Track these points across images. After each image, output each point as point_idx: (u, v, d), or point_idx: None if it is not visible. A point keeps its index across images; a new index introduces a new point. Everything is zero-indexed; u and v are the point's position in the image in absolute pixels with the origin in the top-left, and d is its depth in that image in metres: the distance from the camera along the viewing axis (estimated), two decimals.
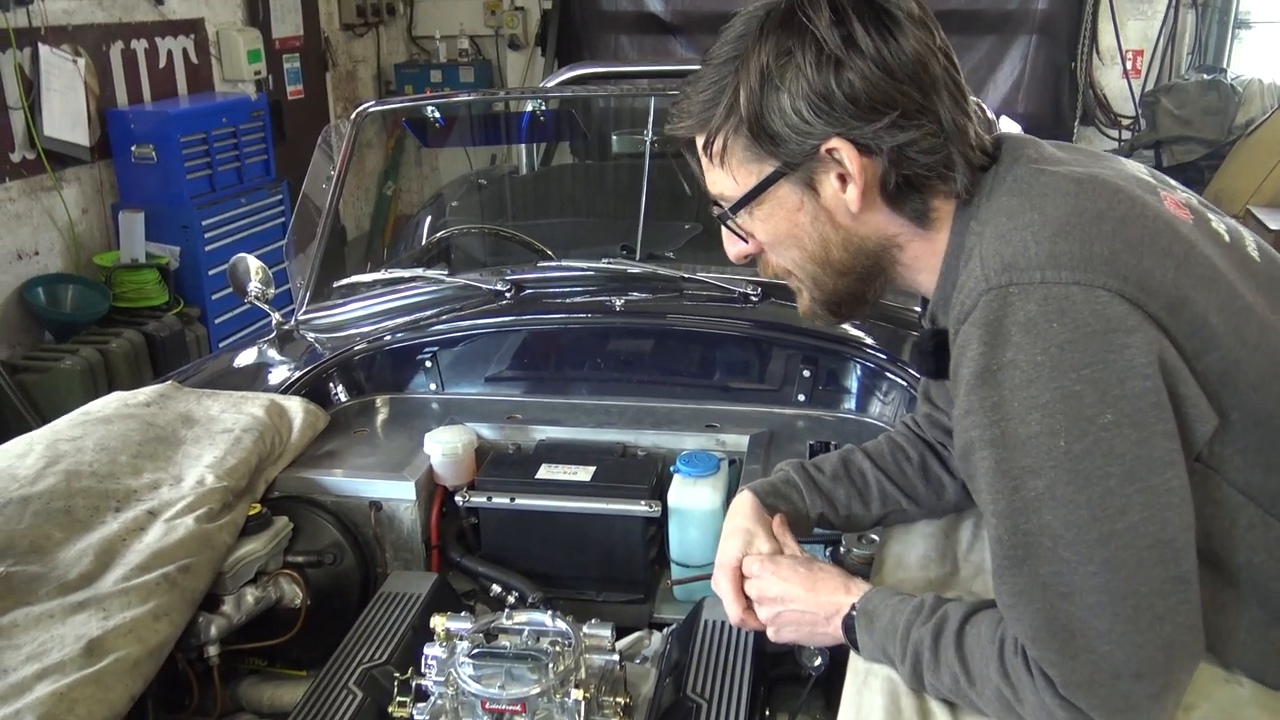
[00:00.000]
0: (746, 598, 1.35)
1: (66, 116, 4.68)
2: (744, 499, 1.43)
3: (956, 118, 1.09)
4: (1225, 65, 6.55)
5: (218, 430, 1.83)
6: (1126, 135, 6.68)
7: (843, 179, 1.10)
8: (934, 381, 1.42)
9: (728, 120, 1.12)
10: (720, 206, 1.20)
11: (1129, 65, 6.65)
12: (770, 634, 1.34)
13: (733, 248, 1.24)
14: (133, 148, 4.92)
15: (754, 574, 1.33)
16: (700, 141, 1.16)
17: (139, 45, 5.20)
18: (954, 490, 1.44)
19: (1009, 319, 0.98)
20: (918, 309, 2.15)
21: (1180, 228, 1.05)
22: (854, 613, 1.23)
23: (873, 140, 1.07)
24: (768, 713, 1.56)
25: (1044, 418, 0.96)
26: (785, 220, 1.15)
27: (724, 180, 1.17)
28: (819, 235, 1.15)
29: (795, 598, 1.29)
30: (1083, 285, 0.97)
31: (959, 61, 1.12)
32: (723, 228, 1.23)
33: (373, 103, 2.75)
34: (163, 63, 5.38)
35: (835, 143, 1.08)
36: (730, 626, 1.58)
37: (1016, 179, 1.09)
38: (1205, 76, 6.24)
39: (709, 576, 1.69)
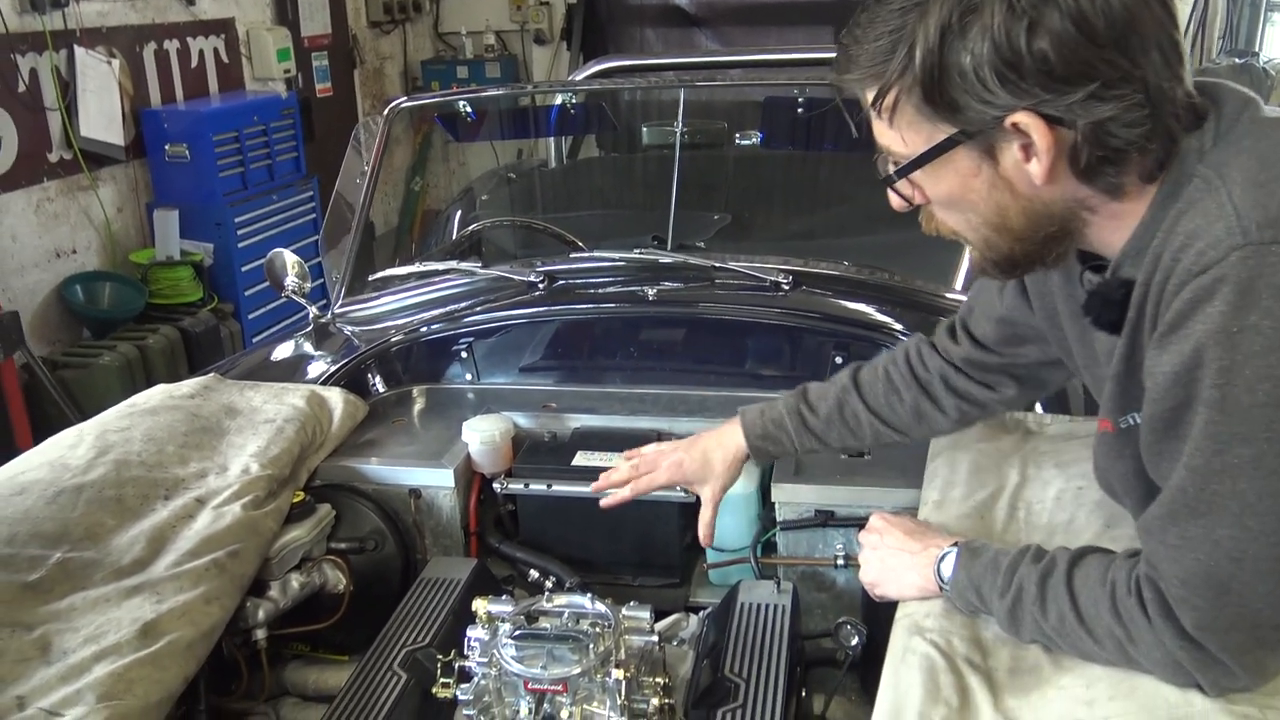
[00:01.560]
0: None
1: (102, 117, 4.75)
2: (733, 437, 1.60)
3: (1166, 82, 0.97)
4: (1257, 49, 6.47)
5: (260, 420, 1.87)
6: None
7: (1026, 149, 1.00)
8: (1001, 327, 1.41)
9: (902, 77, 1.01)
10: (887, 162, 1.11)
11: None
12: (861, 574, 1.41)
13: (896, 200, 1.15)
14: (166, 147, 4.99)
15: (873, 526, 1.41)
16: (870, 95, 1.06)
17: (171, 45, 5.27)
18: (947, 424, 1.54)
19: (1264, 280, 0.91)
20: (950, 295, 2.17)
21: None
22: (955, 547, 1.26)
23: (1065, 114, 0.96)
24: (804, 694, 1.58)
25: (1274, 389, 0.92)
26: (959, 185, 1.06)
27: (892, 137, 1.07)
28: (995, 203, 1.06)
29: (895, 536, 1.36)
30: None
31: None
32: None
33: (404, 99, 2.78)
34: (194, 62, 5.45)
35: (1021, 117, 0.97)
36: (767, 609, 1.61)
37: (1256, 123, 1.00)
38: (1236, 60, 6.17)
39: (745, 560, 1.73)
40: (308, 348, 2.35)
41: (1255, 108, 1.02)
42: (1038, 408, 1.76)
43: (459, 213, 3.48)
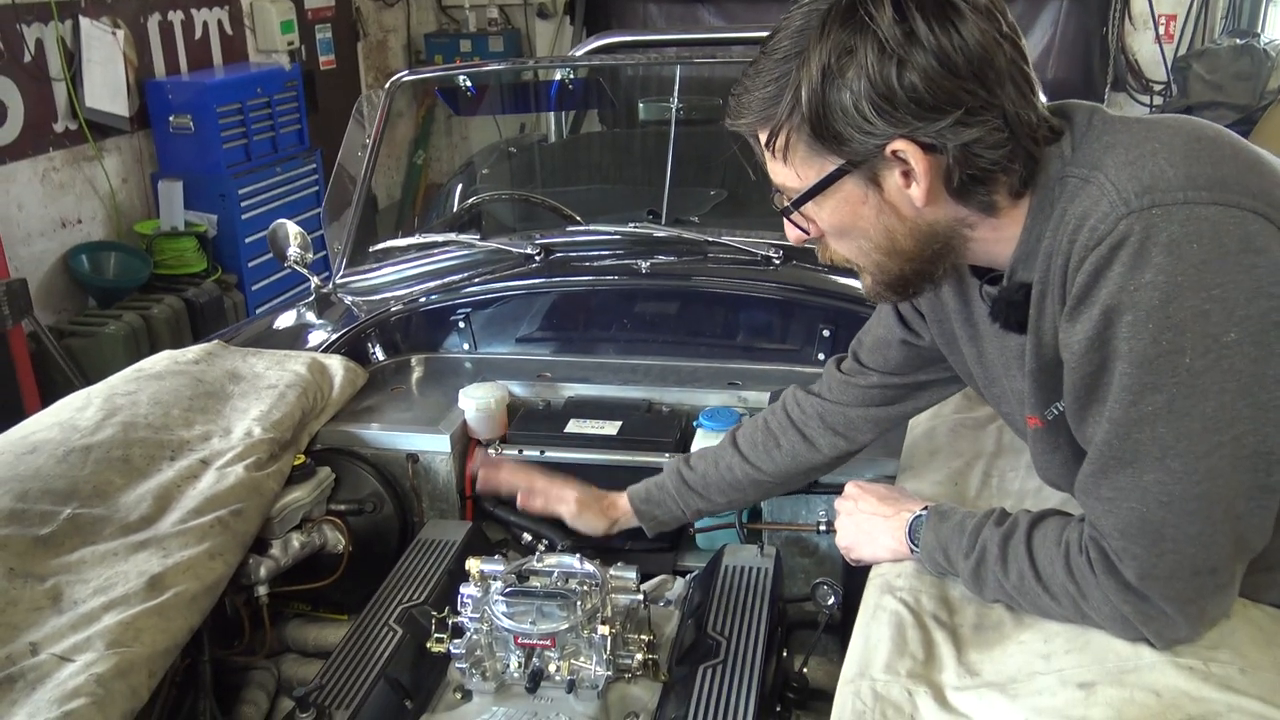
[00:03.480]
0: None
1: (106, 87, 4.78)
2: (618, 501, 1.76)
3: (1021, 110, 1.08)
4: (1259, 29, 6.47)
5: (263, 386, 1.92)
6: (1158, 101, 6.62)
7: (906, 175, 1.10)
8: (882, 346, 1.54)
9: (790, 117, 1.10)
10: (783, 198, 1.20)
11: (1161, 30, 6.58)
12: (837, 538, 1.48)
13: (791, 232, 1.24)
14: (170, 118, 5.02)
15: (848, 494, 1.48)
16: (763, 137, 1.16)
17: (175, 17, 5.29)
18: (826, 463, 1.64)
19: (1151, 240, 0.99)
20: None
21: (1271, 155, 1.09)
22: (925, 511, 1.33)
23: (936, 139, 1.06)
24: (785, 654, 1.64)
25: (1174, 336, 0.99)
26: (849, 213, 1.15)
27: (786, 174, 1.16)
28: (884, 227, 1.15)
29: (869, 502, 1.42)
30: (1220, 205, 0.99)
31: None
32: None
33: (407, 72, 2.82)
34: (198, 34, 5.47)
35: (899, 144, 1.07)
36: (750, 572, 1.66)
37: (1107, 123, 1.10)
38: (1238, 41, 6.17)
39: (731, 525, 1.79)
40: (309, 317, 2.40)
41: (1100, 114, 1.13)
42: None
43: (459, 186, 3.52)
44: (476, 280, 2.33)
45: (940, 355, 1.44)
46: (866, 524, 1.40)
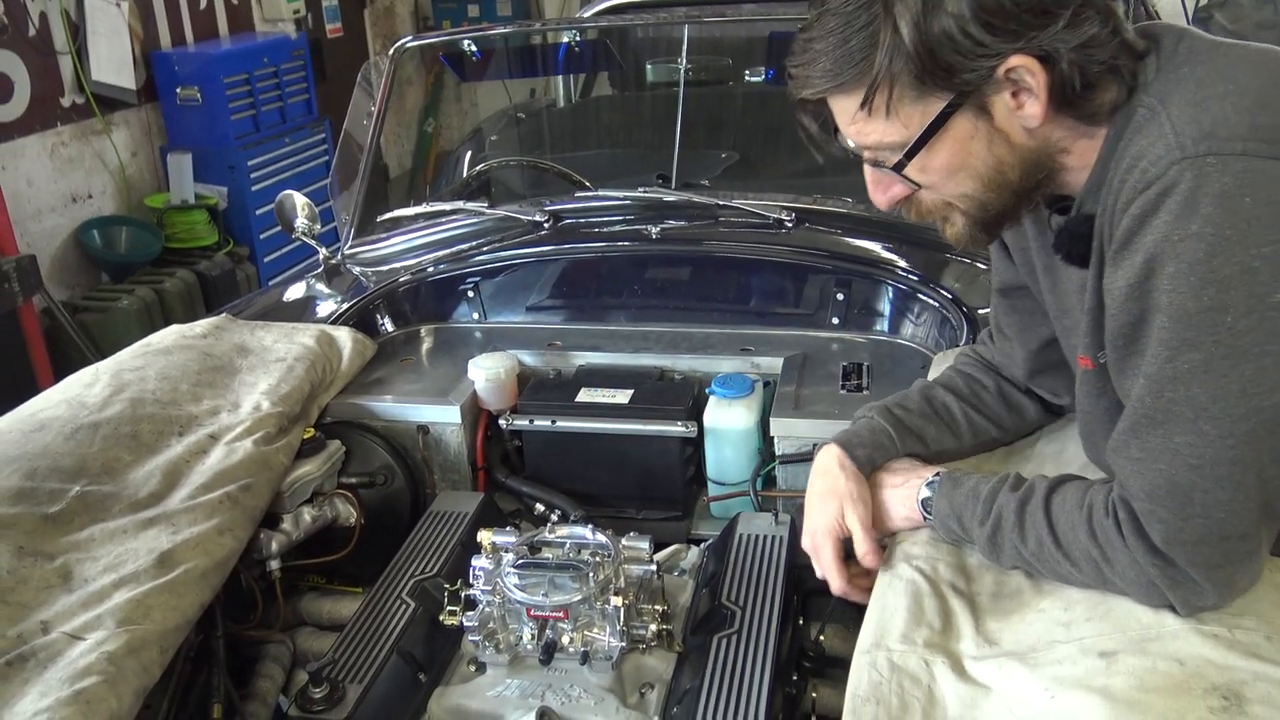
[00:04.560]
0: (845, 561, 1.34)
1: (112, 60, 4.76)
2: (833, 456, 1.37)
3: (1111, 3, 1.04)
4: None
5: (271, 359, 1.91)
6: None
7: (1016, 95, 1.05)
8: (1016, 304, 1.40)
9: (892, 64, 1.03)
10: (876, 157, 1.12)
11: None
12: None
13: (884, 194, 1.17)
14: (178, 90, 5.00)
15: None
16: (854, 98, 1.08)
17: None
18: (1035, 412, 1.46)
19: (1203, 190, 0.95)
20: None
21: None
22: (937, 478, 1.28)
23: (1051, 46, 1.01)
24: (801, 622, 1.62)
25: (1218, 293, 0.96)
26: (959, 152, 1.09)
27: (887, 129, 1.09)
28: (995, 159, 1.09)
29: (881, 477, 1.36)
30: None
31: None
32: (870, 173, 1.16)
33: (410, 38, 2.78)
34: (204, 4, 5.43)
35: (1016, 60, 1.01)
36: (765, 540, 1.65)
37: (1193, 50, 1.05)
38: None
39: (745, 494, 1.77)
40: (318, 288, 2.38)
41: (1190, 37, 1.07)
42: None
43: (469, 153, 3.49)
44: (485, 249, 2.31)
45: None
46: (877, 495, 1.37)
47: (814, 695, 1.49)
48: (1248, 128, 0.96)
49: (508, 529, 1.59)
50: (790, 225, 2.20)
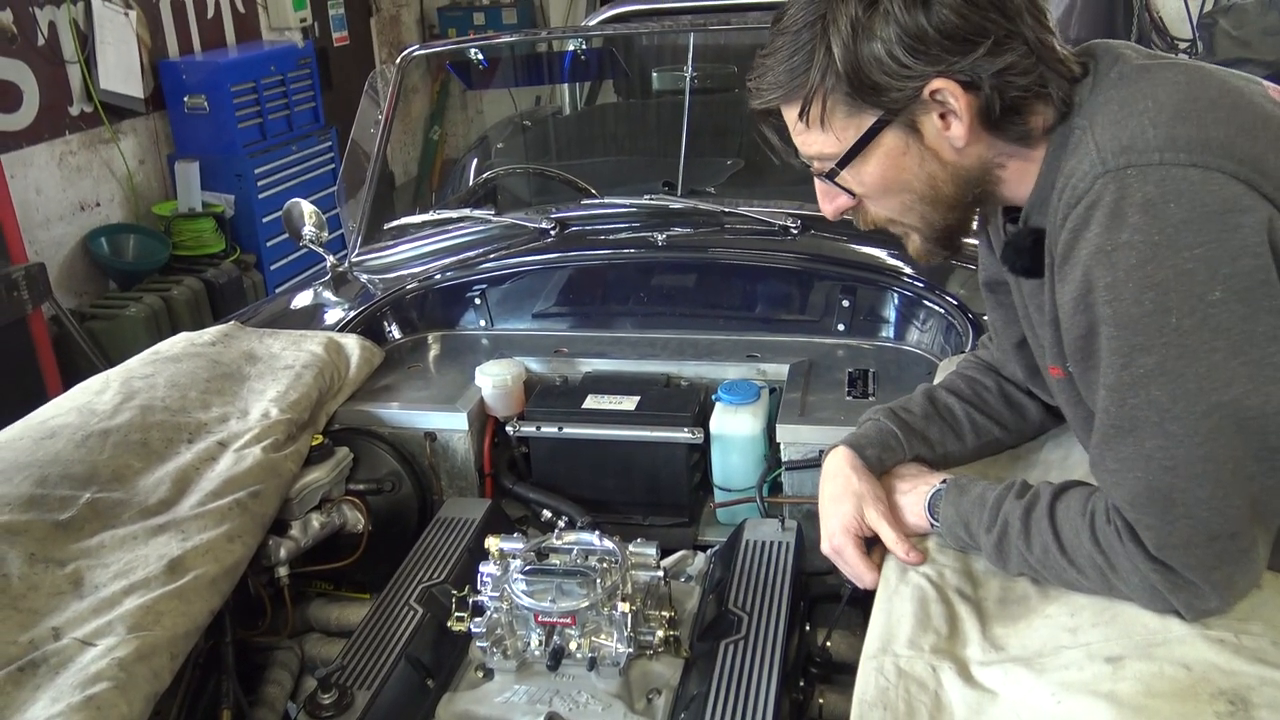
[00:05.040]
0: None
1: (120, 69, 4.78)
2: (843, 457, 1.39)
3: (1041, 36, 1.10)
4: None
5: (280, 367, 1.92)
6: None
7: (944, 116, 1.12)
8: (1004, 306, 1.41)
9: (824, 81, 1.12)
10: (818, 167, 1.20)
11: None
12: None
13: (830, 204, 1.25)
14: (185, 98, 5.02)
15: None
16: (795, 109, 1.17)
17: None
18: (1037, 411, 1.47)
19: (1126, 200, 1.00)
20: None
21: None
22: (944, 485, 1.30)
23: (972, 72, 1.08)
24: (808, 627, 1.63)
25: (1157, 296, 0.99)
26: (892, 166, 1.16)
27: (824, 141, 1.17)
28: (926, 175, 1.16)
29: (888, 483, 1.38)
30: (1200, 167, 0.99)
31: None
32: (818, 185, 1.24)
33: (417, 46, 2.79)
34: (211, 13, 5.46)
35: (937, 83, 1.09)
36: (772, 546, 1.65)
37: (1122, 74, 1.10)
38: None
39: (751, 500, 1.77)
40: (326, 296, 2.39)
41: (1122, 60, 1.12)
42: None
43: (475, 161, 3.50)
44: (492, 256, 2.32)
45: None
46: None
47: (821, 701, 1.49)
48: (1165, 139, 1.00)
49: (515, 535, 1.60)
50: (796, 232, 2.21)
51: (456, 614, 1.54)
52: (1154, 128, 1.02)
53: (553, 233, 2.33)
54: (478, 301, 2.29)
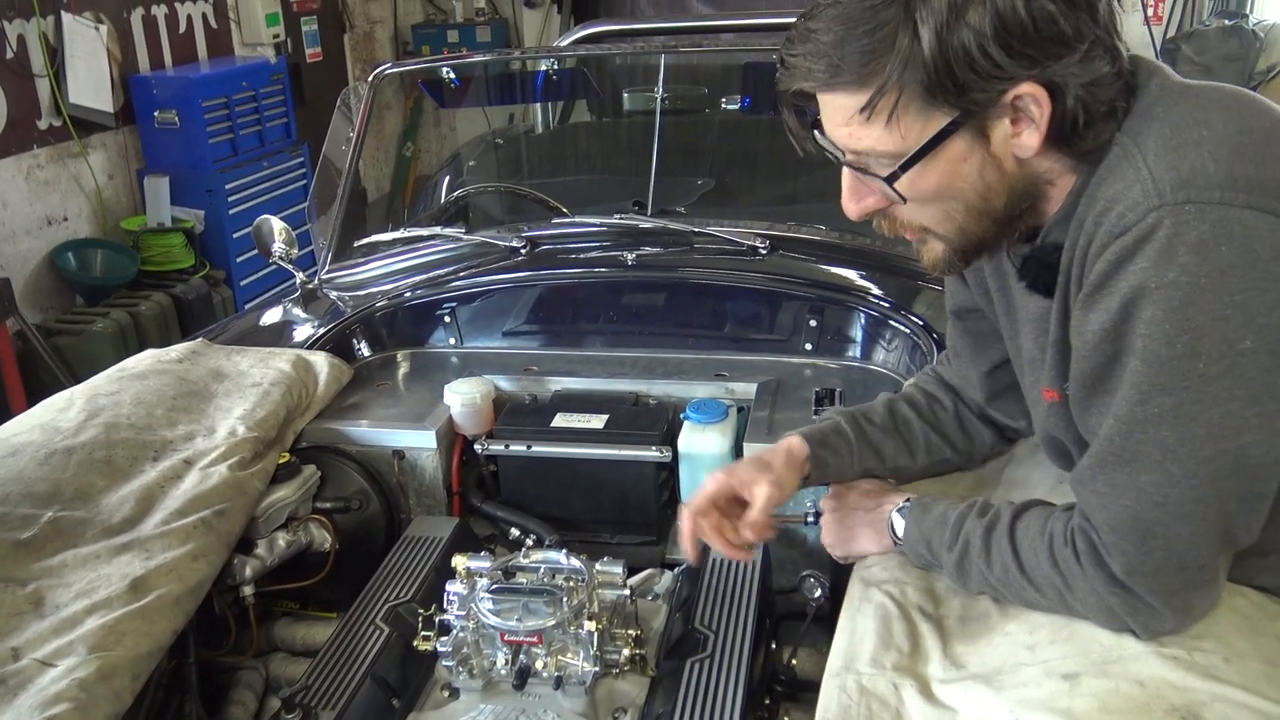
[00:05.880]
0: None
1: (90, 83, 4.75)
2: (792, 443, 1.41)
3: (1118, 45, 1.03)
4: (1248, 10, 6.46)
5: (247, 384, 1.91)
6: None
7: (1015, 123, 1.03)
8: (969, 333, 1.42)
9: (905, 72, 1.00)
10: (862, 163, 1.09)
11: (1150, 12, 6.57)
12: (822, 537, 1.44)
13: (857, 204, 1.14)
14: (156, 113, 4.99)
15: (833, 492, 1.42)
16: (859, 98, 1.03)
17: (159, 11, 5.25)
18: (989, 437, 1.48)
19: (1180, 238, 0.95)
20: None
21: None
22: (907, 503, 1.31)
23: (1063, 78, 1.00)
24: (774, 645, 1.64)
25: (1191, 340, 0.96)
26: (949, 172, 1.06)
27: (883, 138, 1.05)
28: (983, 185, 1.07)
29: (852, 496, 1.40)
30: (1256, 210, 0.95)
31: None
32: (847, 182, 1.14)
33: (390, 65, 2.80)
34: (182, 28, 5.43)
35: (1026, 87, 1.00)
36: (738, 565, 1.66)
37: (1165, 90, 1.05)
38: (1226, 22, 6.17)
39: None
40: (295, 313, 2.39)
41: (1163, 76, 1.07)
42: None
43: (447, 178, 3.51)
44: (462, 274, 2.32)
45: None
46: (849, 519, 1.39)
47: (786, 719, 1.50)
48: (1225, 176, 0.96)
49: (482, 554, 1.60)
50: (765, 252, 2.23)
51: (423, 633, 1.54)
52: (1214, 162, 0.97)
53: (523, 251, 2.34)
54: (447, 319, 2.30)
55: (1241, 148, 0.98)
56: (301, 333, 2.24)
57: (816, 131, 1.12)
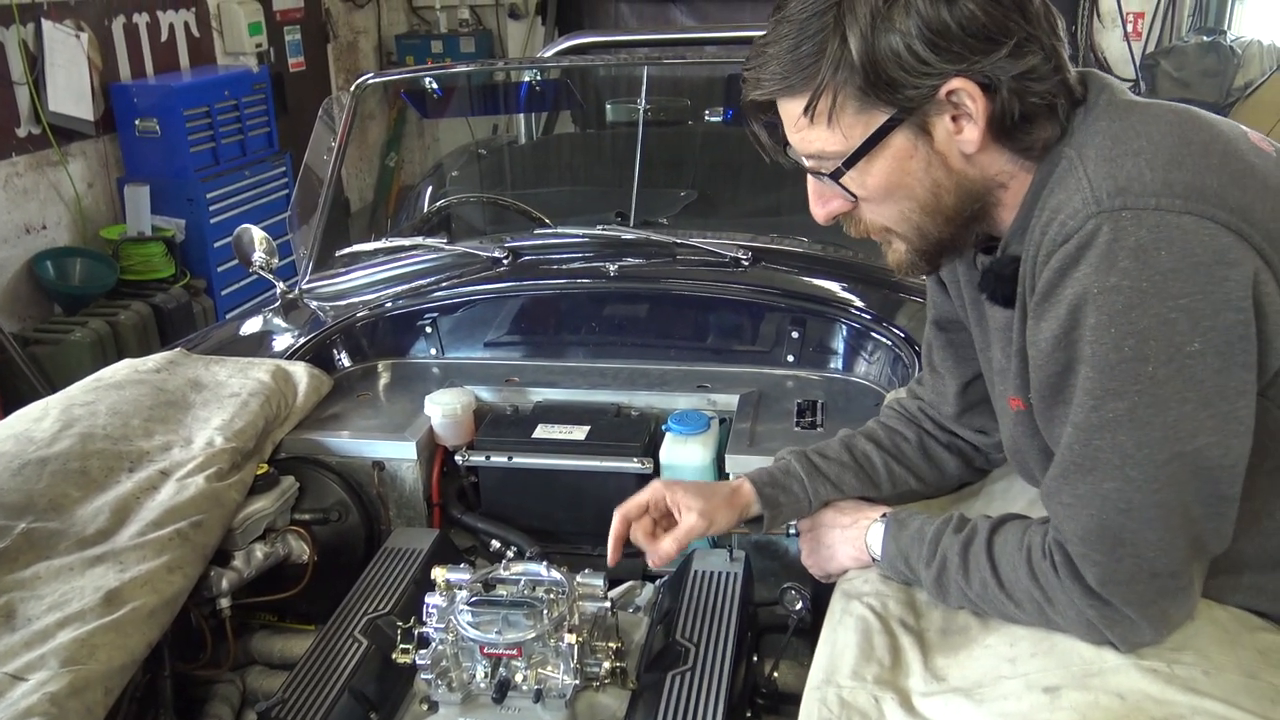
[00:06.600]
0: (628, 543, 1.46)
1: (70, 91, 4.72)
2: (739, 484, 1.44)
3: (1057, 45, 1.07)
4: (1226, 27, 6.53)
5: (225, 394, 1.89)
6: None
7: (956, 119, 1.07)
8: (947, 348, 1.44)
9: (837, 74, 1.06)
10: (816, 166, 1.14)
11: (1129, 28, 6.63)
12: (802, 556, 1.47)
13: (823, 208, 1.18)
14: (136, 121, 4.96)
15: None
16: (799, 103, 1.10)
17: (140, 19, 5.23)
18: (955, 467, 1.49)
19: (1119, 243, 0.98)
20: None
21: (1269, 162, 1.07)
22: (883, 518, 1.31)
23: (993, 73, 1.04)
24: (755, 658, 1.63)
25: (1137, 344, 0.98)
26: (898, 169, 1.10)
27: (828, 138, 1.10)
28: (931, 182, 1.11)
29: (828, 514, 1.40)
30: (1194, 215, 0.97)
31: None
32: (812, 187, 1.18)
33: (372, 75, 2.80)
34: (164, 36, 5.41)
35: (956, 83, 1.04)
36: (720, 577, 1.65)
37: (1112, 104, 1.08)
38: (1205, 38, 6.23)
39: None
40: (275, 322, 2.37)
41: (1111, 91, 1.11)
42: None
43: (429, 189, 3.50)
44: (443, 285, 2.31)
45: None
46: (826, 537, 1.39)
47: None
48: (1161, 184, 0.99)
49: (462, 566, 1.59)
50: (747, 264, 2.23)
51: (401, 646, 1.52)
52: (1150, 170, 1.00)
53: (505, 262, 2.33)
54: (429, 330, 2.29)
55: (1179, 158, 1.01)
56: (281, 342, 2.22)
57: (786, 145, 1.17)
